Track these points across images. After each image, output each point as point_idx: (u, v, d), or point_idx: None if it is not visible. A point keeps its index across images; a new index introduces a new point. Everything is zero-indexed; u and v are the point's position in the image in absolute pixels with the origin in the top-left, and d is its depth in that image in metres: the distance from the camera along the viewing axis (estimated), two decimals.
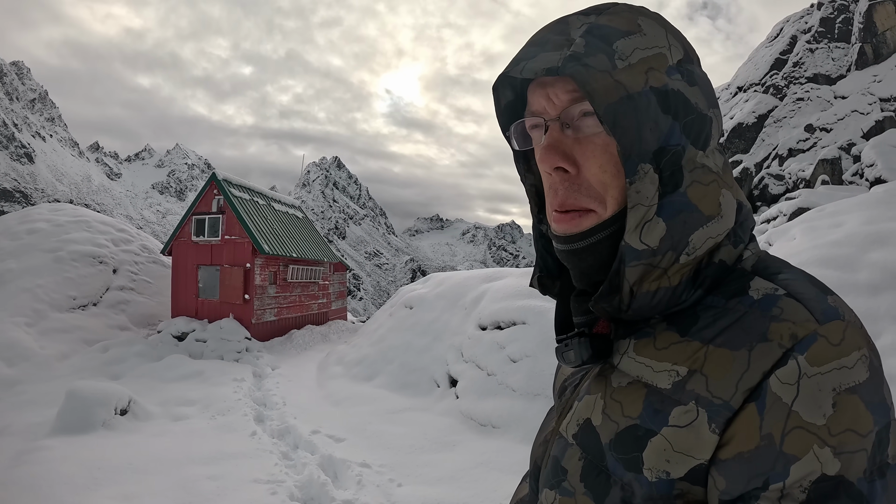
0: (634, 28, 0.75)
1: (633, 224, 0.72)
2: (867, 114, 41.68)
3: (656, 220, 0.72)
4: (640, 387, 0.75)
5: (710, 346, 0.70)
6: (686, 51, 0.78)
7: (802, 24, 55.66)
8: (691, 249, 0.74)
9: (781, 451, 0.61)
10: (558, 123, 0.78)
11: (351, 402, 10.10)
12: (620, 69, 0.72)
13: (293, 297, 20.06)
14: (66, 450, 6.65)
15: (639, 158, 0.72)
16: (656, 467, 0.69)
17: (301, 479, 6.09)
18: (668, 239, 0.73)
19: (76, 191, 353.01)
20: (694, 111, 0.76)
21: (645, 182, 0.72)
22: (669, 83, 0.74)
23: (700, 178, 0.75)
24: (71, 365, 12.30)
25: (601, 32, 0.74)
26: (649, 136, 0.72)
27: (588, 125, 0.76)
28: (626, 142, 0.71)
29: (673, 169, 0.74)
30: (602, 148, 0.75)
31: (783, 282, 0.72)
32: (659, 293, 0.75)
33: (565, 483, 0.82)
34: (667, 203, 0.73)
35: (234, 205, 17.67)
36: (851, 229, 7.73)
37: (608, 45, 0.73)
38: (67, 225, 17.80)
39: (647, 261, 0.73)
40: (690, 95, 0.75)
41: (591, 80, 0.70)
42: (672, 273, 0.74)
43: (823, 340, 0.64)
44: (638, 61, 0.73)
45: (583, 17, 0.77)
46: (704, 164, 0.76)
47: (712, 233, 0.75)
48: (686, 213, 0.73)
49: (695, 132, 0.76)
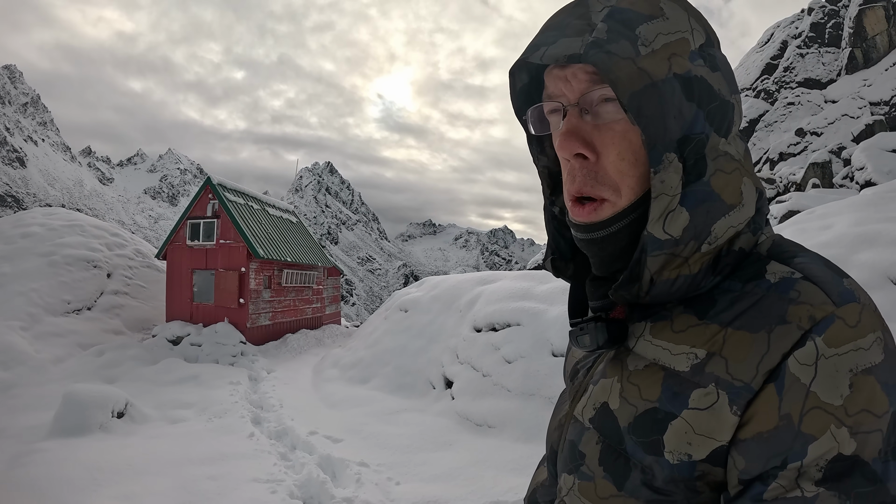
0: (657, 12, 0.73)
1: (656, 214, 0.72)
2: (857, 117, 42.10)
3: (680, 209, 0.72)
4: (657, 370, 0.76)
5: (728, 329, 0.70)
6: (708, 34, 0.77)
7: (793, 30, 56.26)
8: (713, 239, 0.74)
9: (800, 430, 0.62)
10: (577, 109, 0.77)
11: (347, 403, 10.14)
12: (644, 56, 0.71)
13: (288, 302, 20.08)
14: (63, 452, 6.67)
15: (663, 148, 0.71)
16: (678, 450, 0.70)
17: (300, 478, 6.14)
18: (691, 229, 0.72)
19: (68, 195, 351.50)
20: (717, 98, 0.75)
21: (669, 171, 0.72)
22: (693, 69, 0.73)
23: (723, 167, 0.75)
24: (66, 369, 12.29)
25: (623, 17, 0.73)
26: (673, 124, 0.72)
27: (608, 111, 0.75)
28: (652, 131, 0.71)
29: (696, 157, 0.73)
30: (621, 135, 0.75)
31: (799, 265, 0.72)
32: (679, 280, 0.75)
33: (583, 467, 0.82)
34: (690, 192, 0.72)
35: (229, 209, 17.68)
36: (841, 231, 7.83)
37: (631, 31, 0.71)
38: (61, 229, 17.79)
39: (669, 250, 0.73)
40: (713, 81, 0.75)
41: (615, 68, 0.69)
42: (693, 262, 0.74)
43: (840, 322, 0.64)
44: (661, 47, 0.72)
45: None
46: (727, 151, 0.76)
47: (734, 222, 0.75)
48: (709, 203, 0.73)
49: (718, 119, 0.75)
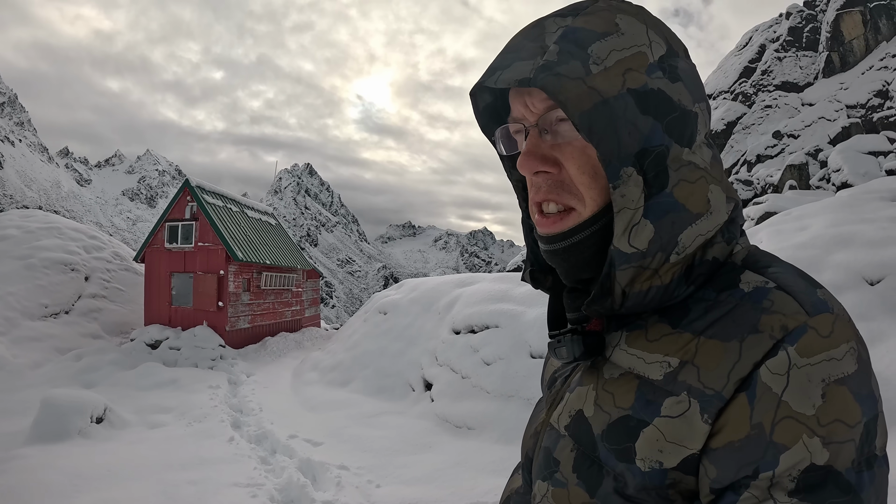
0: (612, 28, 0.74)
1: (620, 228, 0.72)
2: (834, 120, 42.78)
3: (644, 222, 0.72)
4: (631, 378, 0.76)
5: (701, 338, 0.70)
6: (669, 45, 0.77)
7: (771, 34, 57.06)
8: (681, 248, 0.74)
9: (771, 440, 0.62)
10: (537, 129, 0.79)
11: (327, 407, 10.18)
12: (595, 74, 0.71)
13: (267, 305, 20.02)
14: (43, 458, 6.64)
15: (620, 163, 0.71)
16: (649, 457, 0.70)
17: (280, 482, 6.18)
18: (656, 240, 0.72)
19: (45, 197, 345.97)
20: (677, 108, 0.75)
21: (629, 185, 0.72)
22: (649, 82, 0.73)
23: (686, 177, 0.74)
24: (44, 374, 12.18)
25: (576, 37, 0.73)
26: (628, 139, 0.72)
27: (565, 130, 0.77)
28: (605, 147, 0.71)
29: (657, 170, 0.73)
30: (580, 150, 0.76)
31: (773, 275, 0.72)
32: (651, 291, 0.75)
33: (557, 474, 0.83)
34: (653, 204, 0.72)
35: (207, 211, 17.61)
36: (816, 232, 8.03)
37: (582, 50, 0.72)
38: (38, 232, 17.61)
39: (636, 263, 0.73)
40: (672, 93, 0.75)
41: (563, 90, 0.70)
42: (663, 272, 0.74)
43: (813, 332, 0.65)
44: (614, 64, 0.72)
45: (559, 19, 0.77)
46: (691, 160, 0.75)
47: (702, 230, 0.75)
48: (674, 214, 0.73)
49: (678, 130, 0.75)
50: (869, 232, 7.83)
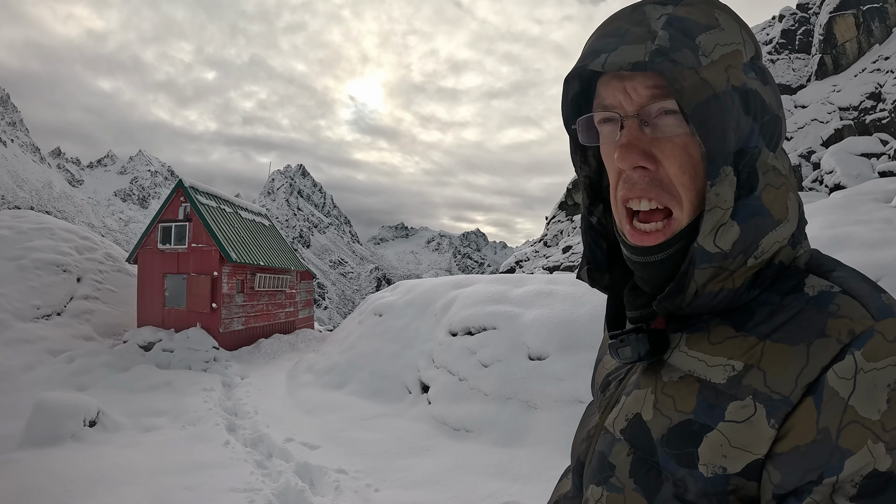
0: (713, 22, 0.73)
1: (708, 227, 0.72)
2: (826, 122, 43.01)
3: (731, 223, 0.72)
4: (692, 381, 0.75)
5: (767, 342, 0.70)
6: (756, 47, 0.77)
7: (764, 36, 57.34)
8: (759, 253, 0.74)
9: (837, 445, 0.61)
10: (637, 120, 0.76)
11: (323, 409, 10.10)
12: (705, 66, 0.71)
13: (260, 306, 19.91)
14: (35, 462, 6.54)
15: (722, 160, 0.71)
16: (712, 463, 0.69)
17: (278, 486, 6.10)
18: (740, 243, 0.72)
19: (37, 197, 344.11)
20: (769, 111, 0.75)
21: (724, 185, 0.72)
22: (748, 82, 0.73)
23: (772, 182, 0.75)
24: (36, 376, 12.05)
25: (682, 25, 0.72)
26: (732, 137, 0.72)
27: (668, 124, 0.74)
28: (712, 143, 0.70)
29: (749, 171, 0.73)
30: (682, 148, 0.74)
31: (838, 279, 0.72)
32: (721, 293, 0.74)
33: (613, 479, 0.81)
34: (742, 206, 0.72)
35: (201, 212, 17.48)
36: (812, 233, 7.98)
37: (691, 40, 0.71)
38: (30, 232, 17.43)
39: (718, 263, 0.72)
40: (765, 95, 0.75)
41: (680, 78, 0.69)
42: (738, 275, 0.74)
43: (880, 336, 0.64)
44: (719, 58, 0.72)
45: (659, 6, 0.75)
46: (775, 166, 0.76)
47: (780, 237, 0.75)
48: (759, 218, 0.73)
49: (769, 133, 0.76)
50: (864, 233, 7.83)
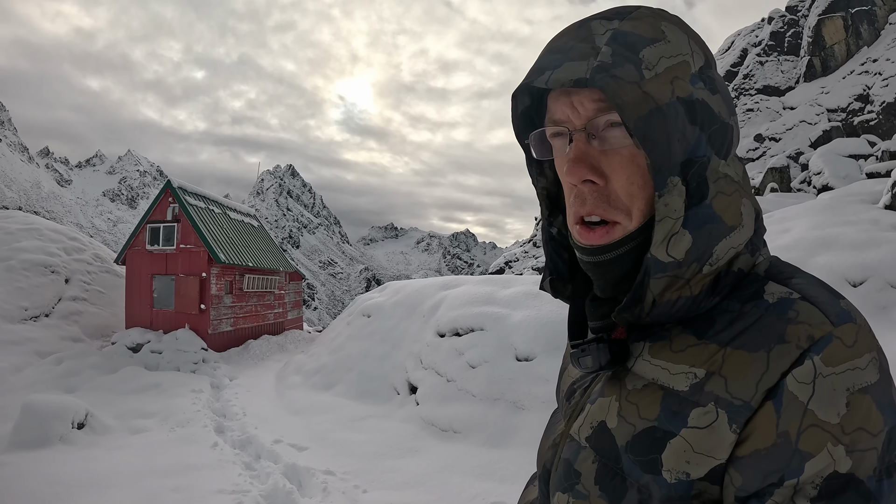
0: (659, 35, 0.74)
1: (660, 237, 0.72)
2: (815, 124, 43.35)
3: (683, 232, 0.72)
4: (655, 389, 0.76)
5: (727, 349, 0.71)
6: (706, 57, 0.78)
7: (753, 38, 57.70)
8: (714, 260, 0.74)
9: (797, 448, 0.63)
10: (584, 134, 0.77)
11: (311, 410, 10.12)
12: (648, 80, 0.71)
13: (249, 307, 19.87)
14: (23, 465, 6.54)
15: (668, 171, 0.72)
16: (676, 468, 0.70)
17: (266, 488, 6.11)
18: (693, 251, 0.73)
19: (25, 197, 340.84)
20: (718, 120, 0.76)
21: (673, 195, 0.72)
22: (694, 92, 0.74)
23: (723, 189, 0.75)
24: (24, 378, 11.99)
25: (626, 40, 0.73)
26: (677, 147, 0.72)
27: (615, 137, 0.75)
28: (657, 155, 0.71)
29: (699, 180, 0.74)
30: (629, 159, 0.75)
31: (797, 286, 0.73)
32: (679, 301, 0.75)
33: (579, 486, 0.82)
34: (692, 215, 0.73)
35: (189, 213, 17.44)
36: (799, 234, 8.10)
37: (634, 54, 0.72)
38: (18, 233, 17.32)
39: (672, 273, 0.73)
40: (714, 104, 0.76)
41: (621, 93, 0.70)
42: (694, 283, 0.75)
43: (838, 342, 0.65)
44: (664, 70, 0.72)
45: (605, 21, 0.76)
46: (727, 173, 0.76)
47: (734, 243, 0.75)
48: (711, 225, 0.74)
49: (718, 142, 0.76)
50: (851, 234, 7.92)
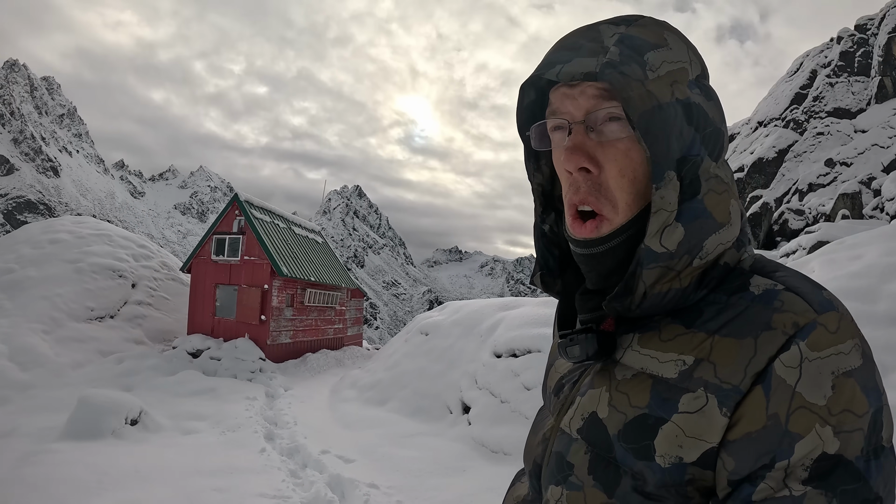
0: (662, 41, 0.79)
1: (654, 228, 0.75)
2: (887, 147, 41.18)
3: (676, 224, 0.76)
4: (645, 378, 0.78)
5: (716, 337, 0.74)
6: (702, 67, 0.84)
7: (822, 59, 55.59)
8: (704, 254, 0.78)
9: (787, 430, 0.65)
10: (583, 126, 0.80)
11: (362, 424, 10.00)
12: (651, 80, 0.76)
13: (309, 321, 20.05)
14: (73, 454, 6.63)
15: (665, 165, 0.76)
16: (669, 453, 0.72)
17: (308, 496, 6.00)
18: (685, 243, 0.76)
19: (99, 206, 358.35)
20: (711, 124, 0.81)
21: (668, 189, 0.76)
22: (691, 96, 0.79)
23: (714, 188, 0.79)
24: (85, 374, 12.33)
25: (633, 43, 0.78)
26: (675, 144, 0.77)
27: (612, 130, 0.79)
28: (657, 149, 0.75)
29: (692, 177, 0.78)
30: (623, 153, 0.78)
31: (781, 278, 0.77)
32: (669, 293, 0.78)
33: (572, 477, 0.83)
34: (686, 209, 0.76)
35: (254, 226, 17.80)
36: (871, 261, 7.61)
37: (640, 56, 0.77)
38: (89, 237, 18.00)
39: (664, 263, 0.76)
40: (708, 109, 0.81)
41: (628, 88, 0.74)
42: (684, 275, 0.78)
43: (822, 328, 0.68)
44: (665, 73, 0.77)
45: (613, 26, 0.81)
46: (718, 174, 0.80)
47: (723, 239, 0.79)
48: (702, 220, 0.77)
49: (711, 144, 0.81)
50: None
